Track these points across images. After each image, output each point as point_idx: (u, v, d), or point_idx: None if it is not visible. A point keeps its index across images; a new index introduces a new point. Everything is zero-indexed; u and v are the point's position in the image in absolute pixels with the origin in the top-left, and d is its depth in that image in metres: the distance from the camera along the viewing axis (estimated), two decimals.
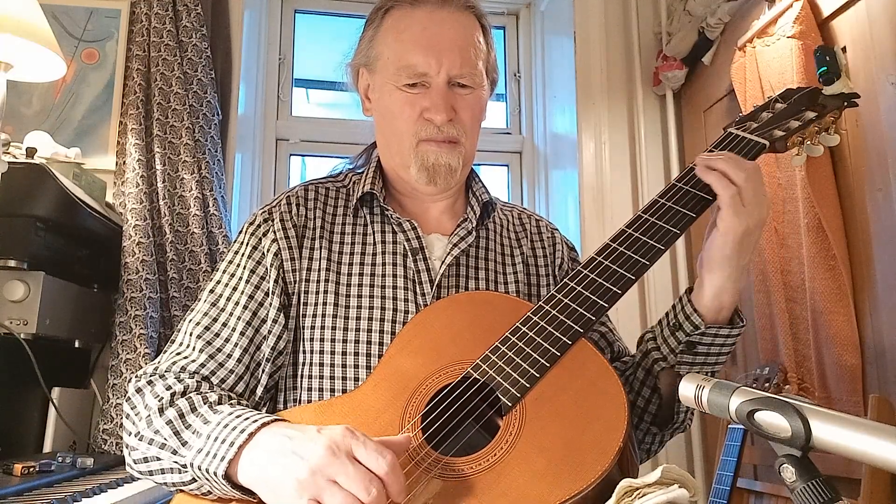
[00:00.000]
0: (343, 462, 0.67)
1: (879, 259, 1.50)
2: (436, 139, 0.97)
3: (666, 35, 2.33)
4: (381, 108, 1.02)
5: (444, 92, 0.96)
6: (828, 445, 0.53)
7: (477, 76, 0.99)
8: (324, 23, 2.70)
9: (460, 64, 0.96)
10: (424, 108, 0.96)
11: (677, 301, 0.91)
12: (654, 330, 0.93)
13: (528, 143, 2.63)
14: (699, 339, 0.87)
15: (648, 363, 0.92)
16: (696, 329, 0.87)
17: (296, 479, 0.68)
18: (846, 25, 1.61)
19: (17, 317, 1.53)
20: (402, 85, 0.97)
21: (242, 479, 0.75)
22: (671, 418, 0.94)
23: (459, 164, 0.99)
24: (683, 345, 0.88)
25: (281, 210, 1.00)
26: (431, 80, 0.96)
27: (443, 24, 0.98)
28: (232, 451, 0.74)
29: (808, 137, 0.98)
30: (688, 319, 0.87)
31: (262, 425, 0.76)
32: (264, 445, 0.74)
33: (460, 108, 0.98)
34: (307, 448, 0.70)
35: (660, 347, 0.90)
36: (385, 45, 1.00)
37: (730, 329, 0.87)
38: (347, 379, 0.91)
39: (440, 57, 0.95)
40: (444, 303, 0.93)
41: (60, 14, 2.13)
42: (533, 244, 1.09)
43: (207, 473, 0.76)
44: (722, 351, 0.89)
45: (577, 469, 0.69)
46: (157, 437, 0.82)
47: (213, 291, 0.96)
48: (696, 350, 0.88)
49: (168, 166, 2.02)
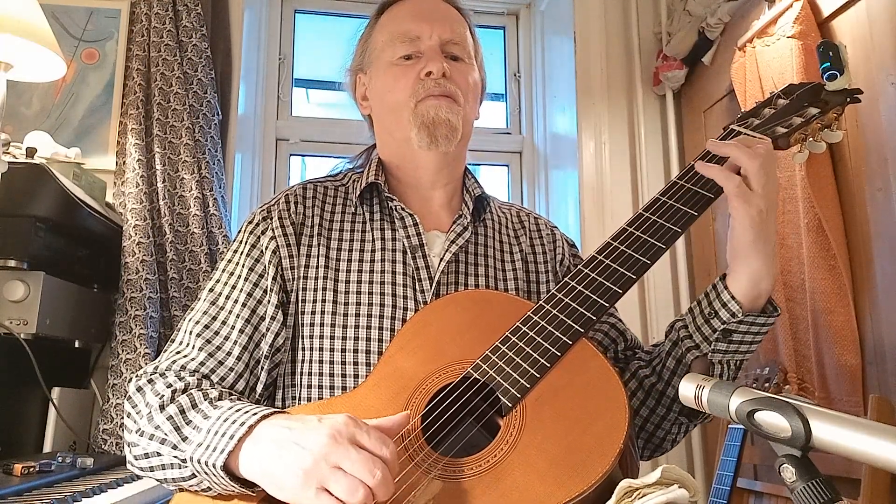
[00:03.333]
0: (347, 448, 0.68)
1: (879, 259, 1.50)
2: (434, 93, 0.98)
3: (666, 35, 2.33)
4: (379, 92, 1.04)
5: (438, 51, 1.00)
6: (828, 445, 0.53)
7: (467, 52, 1.04)
8: (324, 23, 2.70)
9: (451, 31, 1.02)
10: (421, 69, 0.99)
11: (710, 289, 0.89)
12: (686, 318, 0.91)
13: (528, 143, 2.63)
14: (736, 326, 0.86)
15: (680, 352, 0.90)
16: (733, 317, 0.86)
17: (300, 469, 0.68)
18: (846, 25, 1.61)
19: (17, 317, 1.53)
20: (398, 59, 1.01)
21: (244, 472, 0.75)
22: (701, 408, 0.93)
23: (459, 124, 0.99)
24: (719, 332, 0.87)
25: (279, 208, 1.00)
26: (424, 45, 1.00)
27: (432, 3, 1.06)
28: (231, 443, 0.74)
29: (811, 134, 0.98)
30: (724, 307, 0.86)
31: (261, 417, 0.76)
32: (265, 437, 0.74)
33: (455, 73, 1.00)
34: (309, 437, 0.70)
35: (692, 336, 0.89)
36: (379, 34, 1.05)
37: (766, 318, 0.87)
38: (347, 377, 0.91)
39: (432, 24, 1.01)
40: (444, 301, 0.93)
41: (60, 14, 2.13)
42: (532, 242, 1.09)
43: (206, 467, 0.76)
44: (755, 339, 0.89)
45: (578, 470, 0.68)
46: (157, 432, 0.82)
47: (212, 290, 0.97)
48: (732, 338, 0.87)
49: (168, 166, 2.02)
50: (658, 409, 0.94)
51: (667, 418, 0.94)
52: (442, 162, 1.03)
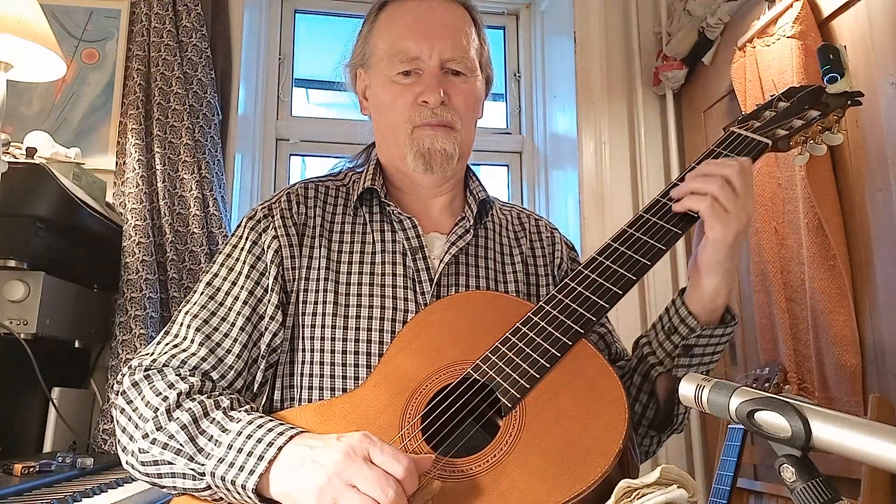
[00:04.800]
0: (360, 465, 0.68)
1: (879, 259, 1.50)
2: (430, 123, 0.97)
3: (666, 35, 2.32)
4: (377, 103, 1.03)
5: (437, 75, 0.97)
6: (828, 445, 0.53)
7: (469, 63, 1.00)
8: (324, 23, 2.70)
9: (451, 48, 0.98)
10: (418, 94, 0.97)
11: (670, 305, 0.91)
12: (649, 335, 0.93)
13: (528, 143, 2.63)
14: (695, 341, 0.88)
15: (645, 368, 0.92)
16: (691, 332, 0.87)
17: (316, 486, 0.69)
18: (846, 25, 1.61)
19: (17, 317, 1.53)
20: (396, 74, 0.99)
21: (273, 492, 0.74)
22: (670, 421, 0.94)
23: (455, 151, 0.99)
24: (680, 349, 0.88)
25: (281, 207, 0.99)
26: (424, 66, 0.98)
27: (433, 11, 1.00)
28: (262, 465, 0.73)
29: (811, 136, 0.98)
30: (683, 322, 0.88)
31: (289, 438, 0.75)
32: (290, 458, 0.74)
33: (454, 94, 0.98)
34: (325, 455, 0.70)
35: (655, 352, 0.91)
36: (379, 38, 1.02)
37: (724, 328, 0.88)
38: (347, 378, 0.91)
39: (431, 41, 0.97)
40: (444, 302, 0.93)
41: (60, 14, 2.13)
42: (532, 243, 1.09)
43: (233, 486, 0.75)
44: (717, 350, 0.90)
45: (577, 470, 0.69)
46: (171, 442, 0.79)
47: (210, 284, 0.95)
48: (693, 352, 0.89)
49: (168, 166, 2.02)
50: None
51: (636, 432, 0.95)
52: (440, 180, 1.03)
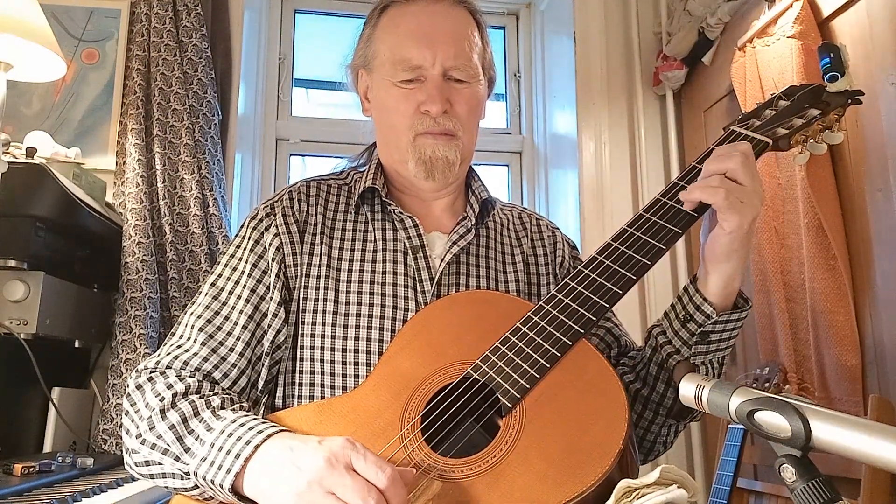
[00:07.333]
0: (341, 473, 0.67)
1: (879, 259, 1.50)
2: (432, 131, 0.98)
3: (666, 35, 2.32)
4: (379, 106, 1.03)
5: (440, 84, 0.97)
6: (828, 445, 0.53)
7: (472, 69, 1.00)
8: (324, 23, 2.70)
9: (454, 55, 0.98)
10: (420, 102, 0.97)
11: (682, 293, 0.90)
12: (663, 324, 0.92)
13: (528, 143, 2.63)
14: (712, 327, 0.87)
15: (661, 357, 0.91)
16: (708, 318, 0.86)
17: (294, 492, 0.69)
18: (846, 25, 1.61)
19: (17, 317, 1.53)
20: (399, 81, 0.98)
21: (248, 491, 0.75)
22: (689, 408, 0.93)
23: (457, 158, 0.99)
24: (697, 336, 0.88)
25: (283, 205, 1.00)
26: (427, 73, 0.98)
27: (436, 16, 1.00)
28: (238, 463, 0.74)
29: (812, 135, 0.98)
30: (699, 310, 0.87)
31: (266, 437, 0.75)
32: (268, 457, 0.74)
33: (456, 101, 0.99)
34: (306, 460, 0.70)
35: (671, 341, 0.90)
36: (381, 42, 1.02)
37: (739, 312, 0.88)
38: (347, 376, 0.91)
39: (434, 49, 0.97)
40: (444, 302, 0.93)
41: (60, 14, 2.13)
42: (533, 243, 1.09)
43: (213, 485, 0.76)
44: (732, 335, 0.90)
45: (577, 470, 0.68)
46: (159, 442, 0.81)
47: (214, 285, 0.96)
48: (710, 339, 0.88)
49: (168, 166, 2.02)
50: (646, 413, 0.94)
51: (655, 422, 0.95)
52: (441, 186, 1.03)
